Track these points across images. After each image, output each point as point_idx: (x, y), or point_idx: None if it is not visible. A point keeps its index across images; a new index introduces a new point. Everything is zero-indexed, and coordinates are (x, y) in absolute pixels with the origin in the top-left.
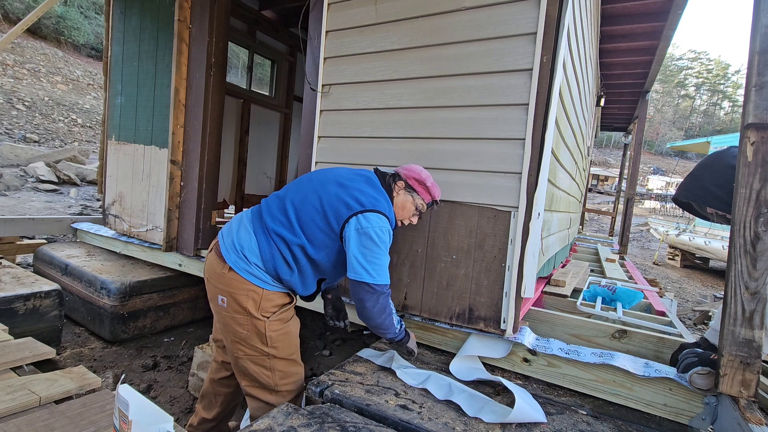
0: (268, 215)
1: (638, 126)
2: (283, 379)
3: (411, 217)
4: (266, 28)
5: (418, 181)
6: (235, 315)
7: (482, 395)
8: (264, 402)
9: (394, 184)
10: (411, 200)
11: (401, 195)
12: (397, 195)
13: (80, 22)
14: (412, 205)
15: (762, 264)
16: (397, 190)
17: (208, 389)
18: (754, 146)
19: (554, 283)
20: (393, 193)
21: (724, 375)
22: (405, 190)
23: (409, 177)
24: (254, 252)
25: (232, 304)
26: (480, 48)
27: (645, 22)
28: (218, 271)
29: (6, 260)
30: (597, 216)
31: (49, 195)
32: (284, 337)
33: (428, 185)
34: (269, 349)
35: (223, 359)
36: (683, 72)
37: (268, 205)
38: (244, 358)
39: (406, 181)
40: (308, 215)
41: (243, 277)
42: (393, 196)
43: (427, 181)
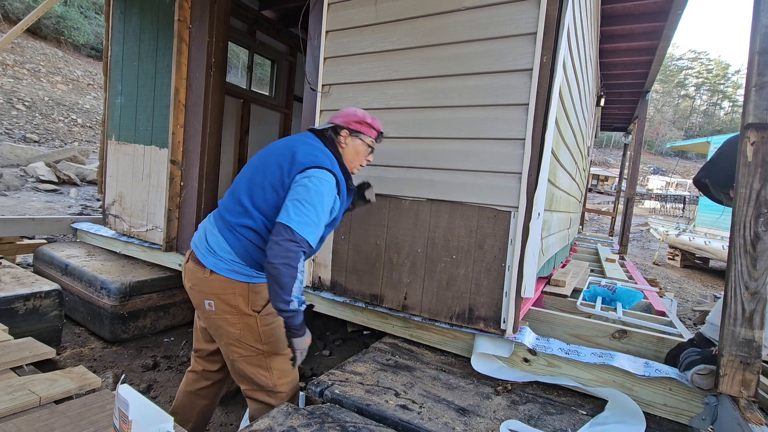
0: (226, 212)
1: (638, 126)
2: (281, 378)
3: (367, 157)
4: (266, 28)
5: (360, 122)
6: (226, 316)
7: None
8: (264, 404)
9: (338, 136)
10: (361, 143)
11: (350, 143)
12: (345, 145)
13: (80, 22)
14: (364, 147)
15: (762, 264)
16: (344, 140)
17: (183, 402)
18: (754, 146)
19: (554, 283)
20: (338, 145)
21: (724, 375)
22: (351, 137)
23: (350, 122)
24: (226, 249)
25: (221, 305)
26: (480, 48)
27: (645, 22)
28: (200, 276)
29: (6, 260)
30: (597, 216)
31: (49, 195)
32: (278, 331)
33: (369, 122)
34: (263, 346)
35: (203, 368)
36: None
37: (224, 204)
38: (240, 360)
39: (348, 127)
40: (260, 195)
41: (226, 276)
42: (340, 148)
43: (366, 118)
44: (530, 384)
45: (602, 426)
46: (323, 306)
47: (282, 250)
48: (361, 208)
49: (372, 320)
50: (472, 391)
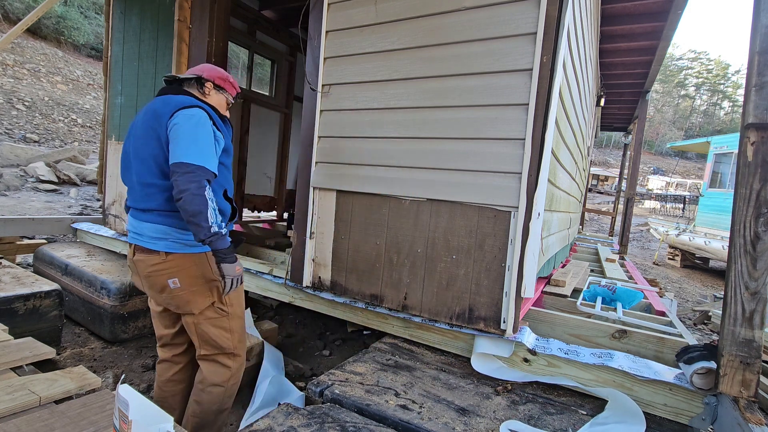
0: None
1: (638, 126)
2: (240, 342)
3: (225, 113)
4: (266, 28)
5: (223, 79)
6: (193, 288)
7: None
8: (223, 365)
9: (202, 87)
10: (224, 99)
11: (213, 96)
12: (209, 97)
13: (80, 22)
14: (225, 103)
15: (762, 264)
16: (208, 92)
17: (163, 394)
18: (754, 146)
19: (554, 283)
20: (203, 96)
21: (724, 375)
22: (215, 90)
23: (215, 77)
24: (167, 231)
25: (186, 278)
26: (480, 48)
27: (645, 22)
28: (157, 261)
29: (6, 260)
30: (597, 216)
31: (49, 195)
32: (238, 294)
33: (231, 81)
34: (228, 308)
35: (171, 354)
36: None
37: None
38: (207, 324)
39: (213, 81)
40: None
41: (182, 252)
42: (204, 97)
43: (229, 77)
44: (530, 384)
45: (602, 426)
46: (323, 306)
47: (183, 182)
48: (362, 207)
49: (372, 320)
50: (472, 391)
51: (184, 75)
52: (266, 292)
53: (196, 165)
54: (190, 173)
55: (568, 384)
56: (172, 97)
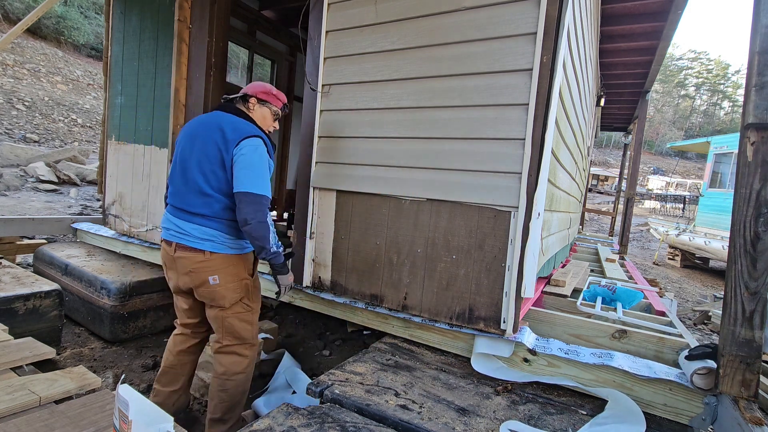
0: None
1: (638, 126)
2: (255, 332)
3: (273, 124)
4: (266, 28)
5: (266, 93)
6: (229, 285)
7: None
8: (242, 356)
9: (246, 103)
10: (268, 111)
11: (257, 110)
12: (254, 111)
13: (80, 22)
14: (270, 113)
15: (762, 264)
16: (252, 107)
17: (173, 362)
18: (754, 146)
19: (554, 283)
20: (248, 112)
21: (724, 375)
22: (259, 105)
23: (258, 92)
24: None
25: (225, 276)
26: (480, 48)
27: (645, 22)
28: (201, 259)
29: (6, 260)
30: (597, 216)
31: (49, 195)
32: (257, 292)
33: (275, 93)
34: (253, 304)
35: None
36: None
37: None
38: (234, 318)
39: (256, 96)
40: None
41: (225, 253)
42: (249, 112)
43: (272, 90)
44: (530, 384)
45: (602, 426)
46: (323, 306)
47: (250, 212)
48: (362, 207)
49: (372, 320)
50: (472, 391)
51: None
52: (266, 292)
53: (260, 195)
54: (255, 204)
55: (568, 384)
56: (237, 121)
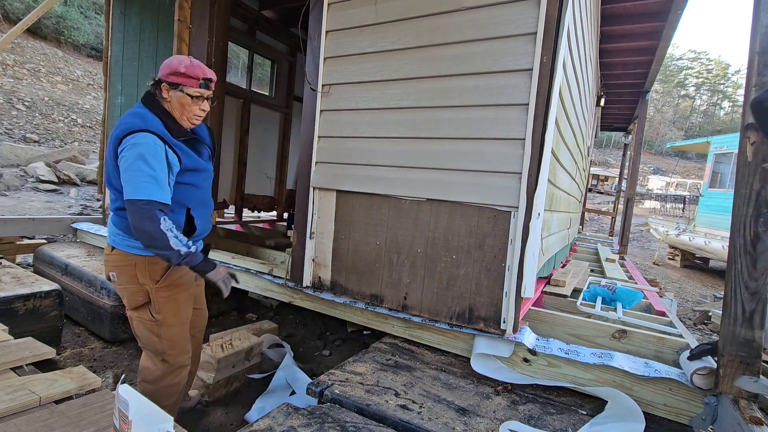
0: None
1: (638, 126)
2: (171, 348)
3: (201, 108)
4: (266, 28)
5: (174, 74)
6: (127, 286)
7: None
8: (151, 366)
9: (159, 90)
10: (182, 94)
11: (172, 97)
12: (169, 100)
13: (80, 22)
14: (186, 97)
15: (762, 264)
16: (165, 94)
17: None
18: (754, 146)
19: (554, 283)
20: (163, 102)
21: (724, 375)
22: (172, 90)
23: (167, 75)
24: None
25: (122, 276)
26: (480, 48)
27: (645, 22)
28: (107, 253)
29: (6, 260)
30: (597, 216)
31: (49, 195)
32: (171, 305)
33: (182, 71)
34: (157, 315)
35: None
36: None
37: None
38: (137, 321)
39: (166, 81)
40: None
41: (123, 250)
42: (165, 103)
43: (180, 67)
44: (530, 384)
45: (602, 426)
46: (323, 306)
47: (136, 220)
48: (362, 207)
49: (372, 320)
50: (472, 391)
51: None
52: (266, 292)
53: (144, 201)
54: (139, 211)
55: (567, 386)
56: (131, 112)
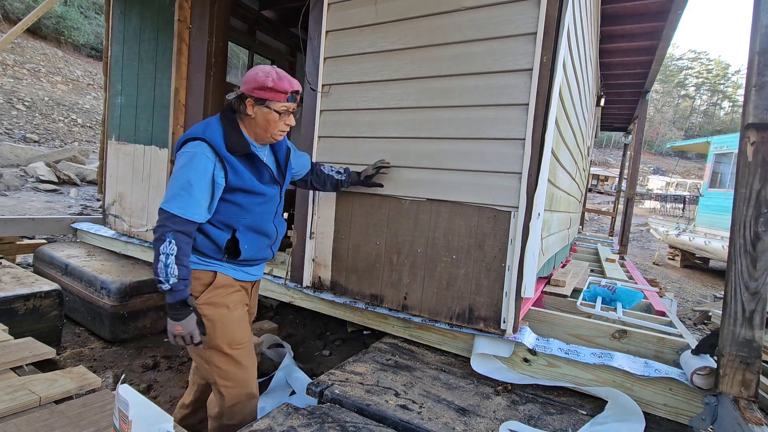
0: None
1: (638, 126)
2: (222, 379)
3: (286, 123)
4: (266, 28)
5: (261, 88)
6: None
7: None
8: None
9: (242, 104)
10: (268, 111)
11: (258, 112)
12: (254, 115)
13: (80, 22)
14: (273, 114)
15: (762, 264)
16: (250, 111)
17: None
18: (754, 146)
19: (554, 283)
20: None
21: (724, 375)
22: (257, 106)
23: (252, 90)
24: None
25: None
26: (480, 48)
27: (645, 22)
28: None
29: (6, 260)
30: (597, 216)
31: (49, 195)
32: (218, 326)
33: (270, 85)
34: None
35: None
36: (683, 72)
37: None
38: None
39: (251, 96)
40: None
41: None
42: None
43: (267, 81)
44: (530, 384)
45: (602, 426)
46: (323, 306)
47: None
48: (362, 207)
49: (372, 320)
50: (472, 391)
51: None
52: (266, 292)
53: (168, 214)
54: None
55: (567, 386)
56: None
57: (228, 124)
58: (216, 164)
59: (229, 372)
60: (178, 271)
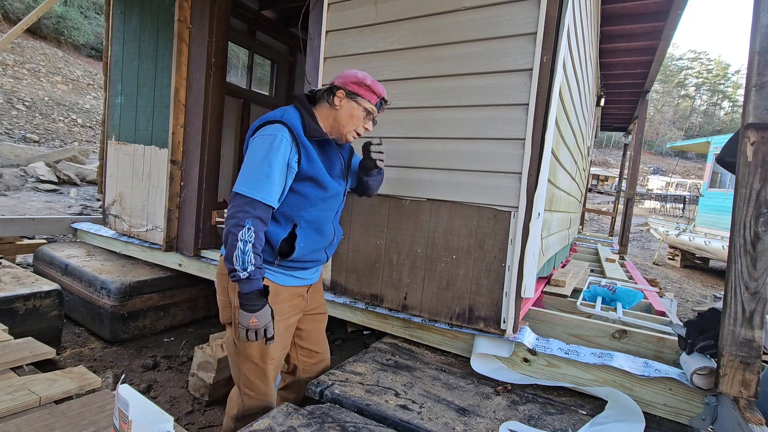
0: None
1: (638, 126)
2: (246, 387)
3: (364, 125)
4: (266, 28)
5: (358, 84)
6: (220, 297)
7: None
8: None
9: (332, 96)
10: (357, 106)
11: (344, 105)
12: (340, 107)
13: (80, 22)
14: (360, 110)
15: (762, 264)
16: (339, 101)
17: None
18: (754, 146)
19: (554, 283)
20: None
21: (724, 375)
22: (347, 99)
23: (347, 83)
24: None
25: (218, 286)
26: (480, 48)
27: (645, 22)
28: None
29: (6, 260)
30: (597, 216)
31: (49, 195)
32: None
33: (369, 84)
34: (237, 342)
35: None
36: (683, 72)
37: None
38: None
39: (345, 88)
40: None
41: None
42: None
43: (366, 80)
44: (530, 384)
45: (602, 426)
46: None
47: (229, 210)
48: (362, 207)
49: (372, 320)
50: (472, 391)
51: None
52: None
53: (247, 198)
54: (236, 207)
55: (567, 386)
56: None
57: (305, 111)
58: (293, 149)
59: (255, 383)
60: (255, 260)
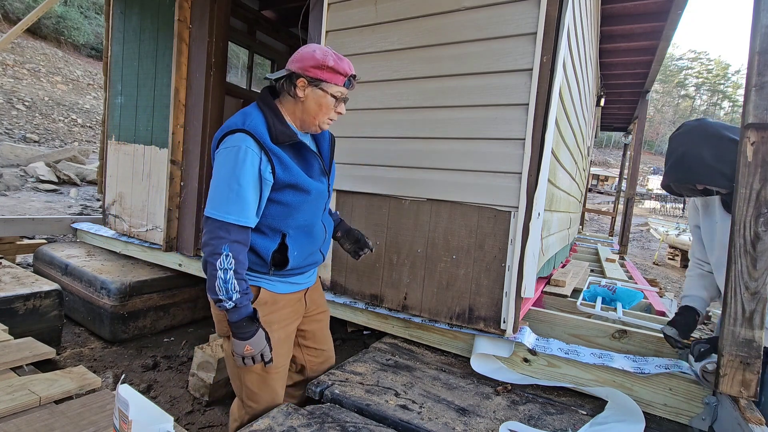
0: None
1: (638, 126)
2: (249, 399)
3: (336, 110)
4: (266, 28)
5: (319, 68)
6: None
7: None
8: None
9: (293, 87)
10: (323, 94)
11: (309, 95)
12: (305, 98)
13: (80, 22)
14: (328, 98)
15: (762, 264)
16: (302, 92)
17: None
18: (754, 146)
19: (554, 283)
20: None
21: (724, 375)
22: (311, 87)
23: (307, 68)
24: None
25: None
26: (480, 48)
27: (645, 22)
28: None
29: (6, 260)
30: (597, 216)
31: (49, 195)
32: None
33: (331, 65)
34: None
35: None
36: (683, 72)
37: None
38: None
39: (305, 75)
40: None
41: None
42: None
43: (327, 60)
44: (530, 384)
45: (602, 425)
46: None
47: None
48: (362, 207)
49: (372, 320)
50: (472, 391)
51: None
52: None
53: (218, 222)
54: (210, 233)
55: (567, 386)
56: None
57: (269, 112)
58: (262, 158)
59: (258, 395)
60: (239, 286)
